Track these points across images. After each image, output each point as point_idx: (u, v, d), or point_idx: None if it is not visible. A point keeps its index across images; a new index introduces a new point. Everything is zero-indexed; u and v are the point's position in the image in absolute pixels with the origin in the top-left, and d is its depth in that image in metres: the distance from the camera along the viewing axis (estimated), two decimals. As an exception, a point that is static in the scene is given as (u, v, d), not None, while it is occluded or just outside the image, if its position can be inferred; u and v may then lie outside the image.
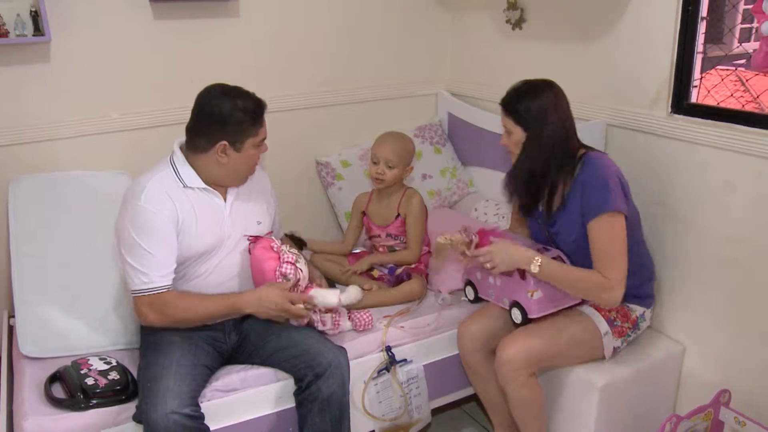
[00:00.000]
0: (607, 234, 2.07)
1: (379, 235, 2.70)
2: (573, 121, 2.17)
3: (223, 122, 2.05)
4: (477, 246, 2.17)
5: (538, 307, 2.16)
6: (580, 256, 2.16)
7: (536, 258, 2.07)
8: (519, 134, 2.14)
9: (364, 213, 2.74)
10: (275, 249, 2.17)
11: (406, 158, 2.62)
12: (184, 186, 2.10)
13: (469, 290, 2.42)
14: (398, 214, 2.64)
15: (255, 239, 2.22)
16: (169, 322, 2.07)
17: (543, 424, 2.24)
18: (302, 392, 2.10)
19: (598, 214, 2.06)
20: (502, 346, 2.15)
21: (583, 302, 2.28)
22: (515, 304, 2.21)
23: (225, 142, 2.06)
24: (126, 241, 2.03)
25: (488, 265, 2.13)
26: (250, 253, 2.21)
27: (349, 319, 2.34)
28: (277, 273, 2.12)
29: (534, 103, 2.10)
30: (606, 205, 2.05)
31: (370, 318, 2.37)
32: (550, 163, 2.13)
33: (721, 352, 2.28)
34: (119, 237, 2.06)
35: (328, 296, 2.16)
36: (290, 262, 2.13)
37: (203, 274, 2.15)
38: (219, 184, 2.16)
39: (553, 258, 2.15)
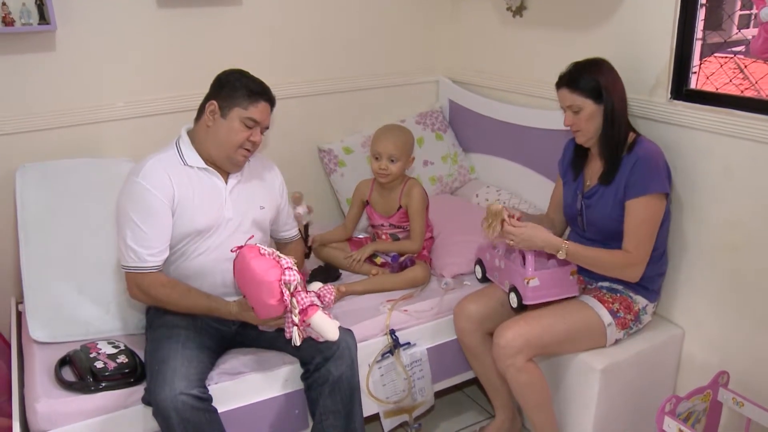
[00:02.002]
0: (644, 214, 2.12)
1: (382, 224, 2.72)
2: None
3: (221, 85, 2.14)
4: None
5: (533, 294, 2.21)
6: (606, 232, 2.22)
7: (563, 245, 2.13)
8: (590, 108, 2.15)
9: (367, 202, 2.75)
10: (269, 254, 1.96)
11: (408, 150, 2.62)
12: (184, 164, 2.13)
13: (478, 269, 2.52)
14: (400, 206, 2.65)
15: (238, 249, 2.01)
16: (152, 303, 2.14)
17: (550, 413, 2.25)
18: (311, 375, 2.13)
19: (641, 194, 2.12)
20: (500, 331, 2.18)
21: (584, 293, 2.31)
22: (513, 288, 2.26)
23: (215, 103, 2.12)
24: (121, 216, 2.08)
25: (509, 241, 2.18)
26: (236, 265, 2.00)
27: (318, 297, 2.09)
28: (282, 283, 1.90)
29: (598, 76, 2.14)
30: (651, 186, 2.11)
31: (332, 296, 2.15)
32: (626, 132, 2.18)
33: (719, 335, 2.30)
34: (117, 212, 2.11)
35: (328, 331, 1.98)
36: (290, 267, 1.93)
37: (204, 252, 2.16)
38: (214, 163, 2.17)
39: None
